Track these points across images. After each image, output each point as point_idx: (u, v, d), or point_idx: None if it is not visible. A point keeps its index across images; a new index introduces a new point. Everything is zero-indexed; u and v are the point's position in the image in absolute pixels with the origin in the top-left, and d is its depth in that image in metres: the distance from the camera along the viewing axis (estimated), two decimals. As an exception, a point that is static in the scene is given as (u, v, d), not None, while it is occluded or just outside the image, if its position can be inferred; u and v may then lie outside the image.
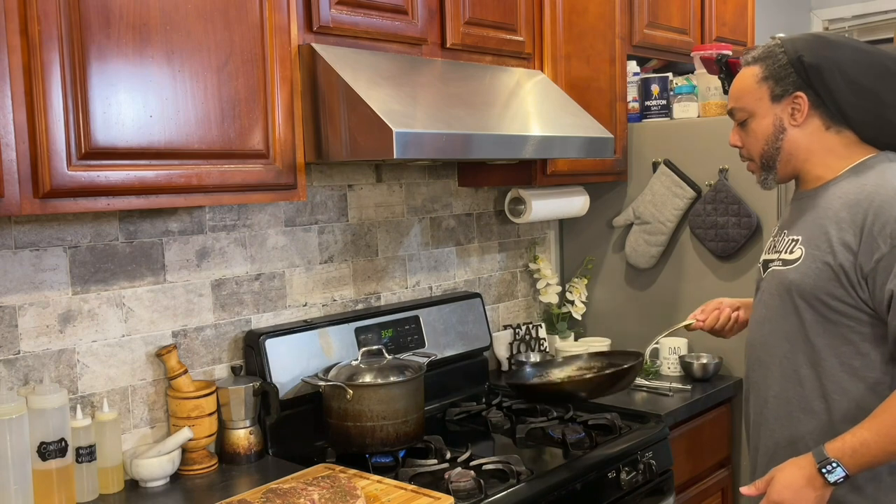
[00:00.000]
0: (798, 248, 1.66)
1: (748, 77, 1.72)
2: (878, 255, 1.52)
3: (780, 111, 1.68)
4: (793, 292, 1.64)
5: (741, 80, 1.74)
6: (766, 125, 1.70)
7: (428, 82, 2.07)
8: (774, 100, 1.68)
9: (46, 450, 1.70)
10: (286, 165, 1.81)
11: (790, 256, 1.67)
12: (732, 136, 1.78)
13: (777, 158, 1.71)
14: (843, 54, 1.63)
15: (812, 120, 1.66)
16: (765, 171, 1.74)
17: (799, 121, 1.66)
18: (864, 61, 1.63)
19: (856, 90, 1.61)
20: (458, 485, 1.81)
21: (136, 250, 1.96)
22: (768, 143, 1.70)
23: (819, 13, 4.71)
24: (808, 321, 1.63)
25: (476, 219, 2.81)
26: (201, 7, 1.64)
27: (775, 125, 1.69)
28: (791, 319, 1.66)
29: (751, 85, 1.71)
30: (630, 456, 2.12)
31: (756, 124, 1.71)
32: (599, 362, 2.36)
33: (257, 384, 2.04)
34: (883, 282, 1.51)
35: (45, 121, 1.43)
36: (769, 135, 1.70)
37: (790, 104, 1.66)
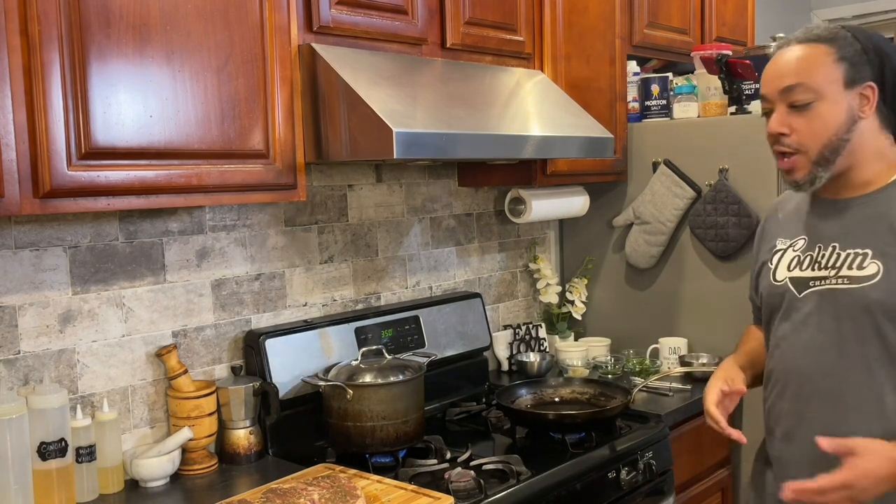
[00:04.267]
0: (871, 262, 1.48)
1: (818, 54, 1.50)
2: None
3: (851, 99, 1.49)
4: (875, 312, 1.47)
5: (807, 57, 1.51)
6: (839, 112, 1.49)
7: (428, 82, 2.07)
8: (847, 86, 1.49)
9: (46, 450, 1.70)
10: (286, 165, 1.81)
11: (861, 273, 1.49)
12: (776, 122, 1.54)
13: (841, 152, 1.51)
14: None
15: (873, 117, 1.51)
16: (819, 167, 1.52)
17: (867, 114, 1.50)
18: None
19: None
20: (458, 485, 1.81)
21: (136, 250, 1.96)
22: (838, 133, 1.50)
23: (819, 13, 4.71)
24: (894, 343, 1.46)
25: (476, 219, 2.81)
26: (201, 7, 1.64)
27: (849, 113, 1.50)
28: (871, 344, 1.48)
29: (827, 64, 1.49)
30: (630, 456, 2.12)
31: (826, 109, 1.50)
32: (592, 389, 2.39)
33: (257, 384, 2.04)
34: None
35: (45, 121, 1.43)
36: (840, 123, 1.50)
37: (859, 94, 1.49)
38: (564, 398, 2.39)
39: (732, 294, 2.62)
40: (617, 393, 2.32)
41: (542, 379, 2.51)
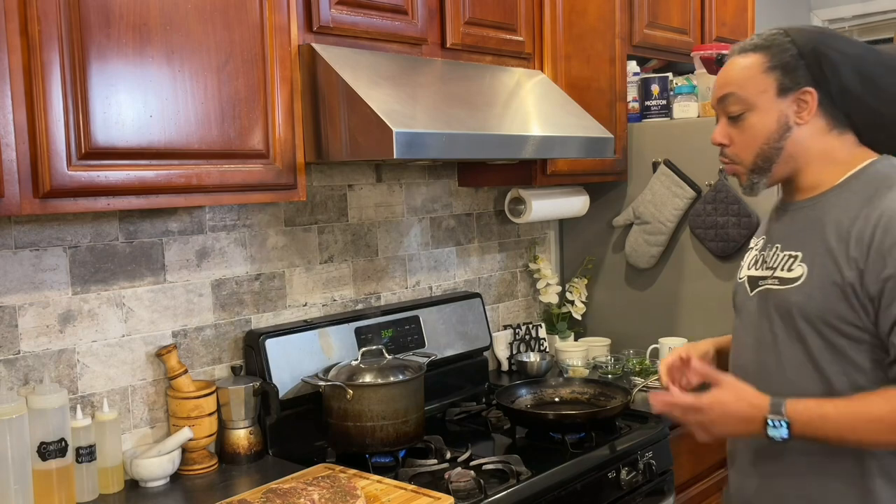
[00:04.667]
0: (798, 265, 1.50)
1: (750, 65, 1.52)
2: (886, 274, 1.38)
3: (786, 107, 1.50)
4: (795, 316, 1.49)
5: (738, 68, 1.54)
6: (769, 121, 1.51)
7: (428, 82, 2.07)
8: (781, 93, 1.50)
9: (46, 450, 1.70)
10: (286, 165, 1.81)
11: (789, 275, 1.51)
12: (718, 133, 1.58)
13: (775, 160, 1.53)
14: (857, 50, 1.49)
15: (817, 120, 1.50)
16: (756, 175, 1.56)
17: (805, 119, 1.50)
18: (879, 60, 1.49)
19: (871, 89, 1.47)
20: (458, 485, 1.81)
21: (136, 250, 1.96)
22: (769, 141, 1.52)
23: (819, 13, 4.71)
24: (814, 348, 1.47)
25: (476, 219, 2.81)
26: (201, 7, 1.64)
27: (780, 122, 1.51)
28: (795, 346, 1.50)
29: (754, 74, 1.51)
30: (630, 456, 2.12)
31: (756, 119, 1.52)
32: (592, 389, 2.39)
33: (257, 384, 2.04)
34: (889, 303, 1.38)
35: (45, 121, 1.43)
36: (771, 132, 1.52)
37: (796, 100, 1.50)
38: (564, 398, 2.39)
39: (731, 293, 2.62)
40: (617, 393, 2.32)
41: (542, 379, 2.51)
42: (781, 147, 1.52)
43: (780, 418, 1.43)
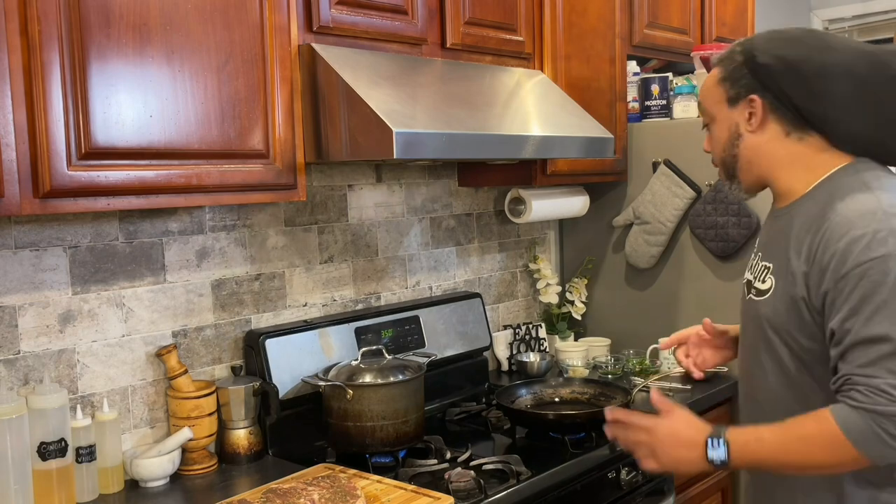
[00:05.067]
0: (769, 277, 1.53)
1: (710, 79, 1.60)
2: (823, 289, 1.40)
3: (737, 115, 1.54)
4: (766, 328, 1.52)
5: (704, 83, 1.63)
6: (722, 131, 1.58)
7: (428, 82, 2.07)
8: (730, 103, 1.55)
9: (46, 450, 1.70)
10: (286, 165, 1.81)
11: (763, 286, 1.54)
12: (705, 142, 1.67)
13: (736, 166, 1.58)
14: (801, 52, 1.47)
15: (770, 125, 1.51)
16: (728, 181, 1.62)
17: (755, 126, 1.52)
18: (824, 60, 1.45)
19: (817, 92, 1.46)
20: (458, 485, 1.81)
21: (136, 250, 1.96)
22: (725, 150, 1.59)
23: (819, 13, 4.71)
24: (786, 361, 1.50)
25: (476, 219, 2.81)
26: (201, 7, 1.64)
27: (730, 130, 1.56)
28: (771, 358, 1.53)
29: (711, 87, 1.59)
30: (630, 456, 2.11)
31: (716, 129, 1.60)
32: (592, 389, 2.39)
33: (257, 384, 2.04)
34: (827, 316, 1.40)
35: (45, 121, 1.43)
36: (724, 142, 1.58)
37: (746, 108, 1.53)
38: (564, 398, 2.39)
39: (732, 294, 2.61)
40: (617, 393, 2.32)
41: (542, 379, 2.51)
42: (736, 154, 1.57)
43: (720, 439, 1.45)
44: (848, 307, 1.36)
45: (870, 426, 1.32)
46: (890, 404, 1.31)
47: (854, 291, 1.35)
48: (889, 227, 1.35)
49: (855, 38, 4.77)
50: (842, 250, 1.37)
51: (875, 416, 1.31)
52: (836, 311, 1.37)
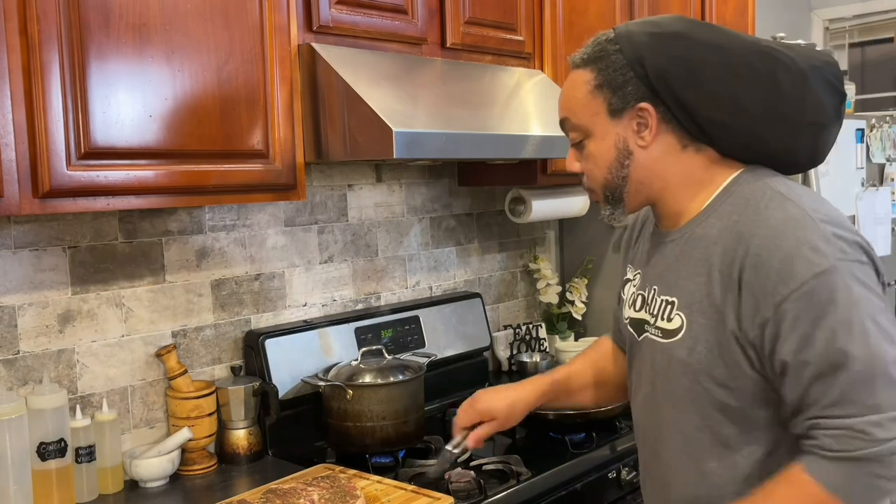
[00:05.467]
0: (676, 314, 1.29)
1: (578, 84, 1.32)
2: (761, 318, 1.18)
3: (623, 129, 1.29)
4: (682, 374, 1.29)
5: (569, 89, 1.34)
6: (607, 148, 1.31)
7: (428, 82, 2.07)
8: (613, 115, 1.29)
9: (46, 450, 1.69)
10: (286, 165, 1.81)
11: (669, 326, 1.30)
12: (568, 161, 1.40)
13: (625, 190, 1.33)
14: (695, 52, 1.25)
15: (664, 137, 1.29)
16: (611, 206, 1.36)
17: (648, 140, 1.29)
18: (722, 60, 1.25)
19: (713, 98, 1.25)
20: (458, 485, 1.81)
21: (136, 250, 1.95)
22: (611, 170, 1.32)
23: (819, 13, 4.71)
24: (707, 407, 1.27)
25: (476, 219, 2.81)
26: (201, 7, 1.64)
27: (618, 148, 1.31)
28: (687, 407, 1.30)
29: (583, 95, 1.31)
30: (630, 456, 2.12)
31: (595, 147, 1.33)
32: None
33: (257, 384, 2.04)
34: (772, 349, 1.18)
35: (44, 121, 1.42)
36: (611, 161, 1.32)
37: (634, 119, 1.28)
38: None
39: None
40: None
41: None
42: (626, 175, 1.32)
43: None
44: (797, 336, 1.15)
45: (856, 477, 1.12)
46: (873, 444, 1.11)
47: (801, 317, 1.14)
48: (822, 235, 1.16)
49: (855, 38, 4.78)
50: (777, 269, 1.16)
51: (858, 462, 1.12)
52: (784, 340, 1.16)
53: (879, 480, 1.12)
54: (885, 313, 1.16)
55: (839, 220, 1.21)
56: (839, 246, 1.16)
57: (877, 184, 3.31)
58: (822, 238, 1.16)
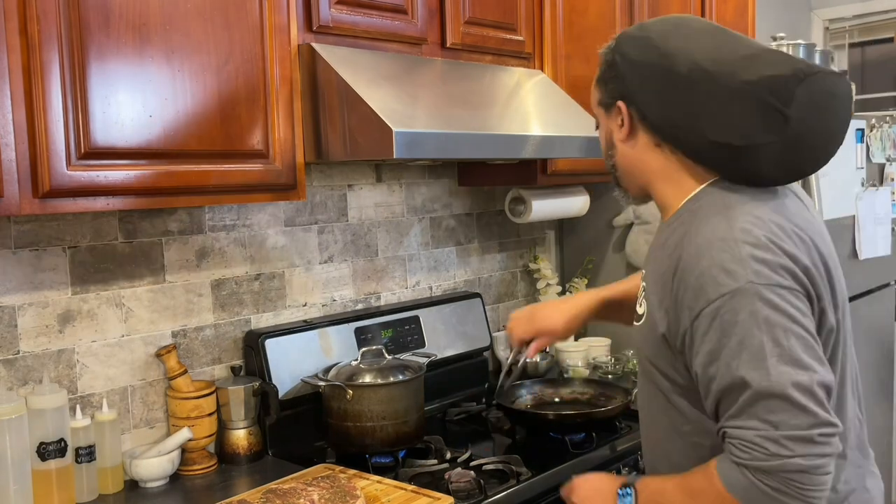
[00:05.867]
0: (643, 300, 1.39)
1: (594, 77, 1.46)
2: (682, 329, 1.26)
3: (610, 122, 1.41)
4: (640, 356, 1.41)
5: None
6: (602, 137, 1.46)
7: (428, 82, 2.07)
8: (605, 108, 1.42)
9: (46, 450, 1.69)
10: (286, 165, 1.81)
11: (640, 310, 1.41)
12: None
13: (616, 175, 1.47)
14: (645, 59, 1.32)
15: (640, 134, 1.37)
16: (618, 187, 1.50)
17: (624, 135, 1.39)
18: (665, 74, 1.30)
19: (664, 101, 1.31)
20: (458, 485, 1.81)
21: (136, 250, 1.95)
22: (605, 157, 1.47)
23: (819, 13, 4.71)
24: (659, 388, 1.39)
25: (476, 219, 2.81)
26: (201, 7, 1.64)
27: (606, 138, 1.44)
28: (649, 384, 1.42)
29: (592, 88, 1.46)
30: (630, 456, 2.12)
31: (599, 133, 1.48)
32: (592, 389, 2.38)
33: (257, 384, 2.04)
34: (690, 360, 1.27)
35: (44, 120, 1.42)
36: (604, 148, 1.47)
37: (617, 114, 1.39)
38: (564, 398, 2.39)
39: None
40: (617, 393, 2.31)
41: (543, 379, 2.51)
42: (614, 163, 1.45)
43: (629, 488, 1.38)
44: (706, 351, 1.22)
45: (753, 483, 1.19)
46: (767, 458, 1.17)
47: (708, 334, 1.21)
48: (737, 257, 1.20)
49: (855, 38, 4.77)
50: (693, 286, 1.23)
51: (756, 472, 1.18)
52: (696, 353, 1.24)
53: (773, 492, 1.18)
54: (793, 335, 1.19)
55: (769, 244, 1.22)
56: (754, 268, 1.19)
57: (877, 184, 3.30)
58: (736, 260, 1.20)
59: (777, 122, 1.26)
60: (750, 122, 1.27)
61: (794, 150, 1.28)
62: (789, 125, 1.26)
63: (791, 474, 1.16)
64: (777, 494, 1.17)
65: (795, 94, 1.25)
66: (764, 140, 1.26)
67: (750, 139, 1.27)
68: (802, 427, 1.16)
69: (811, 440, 1.16)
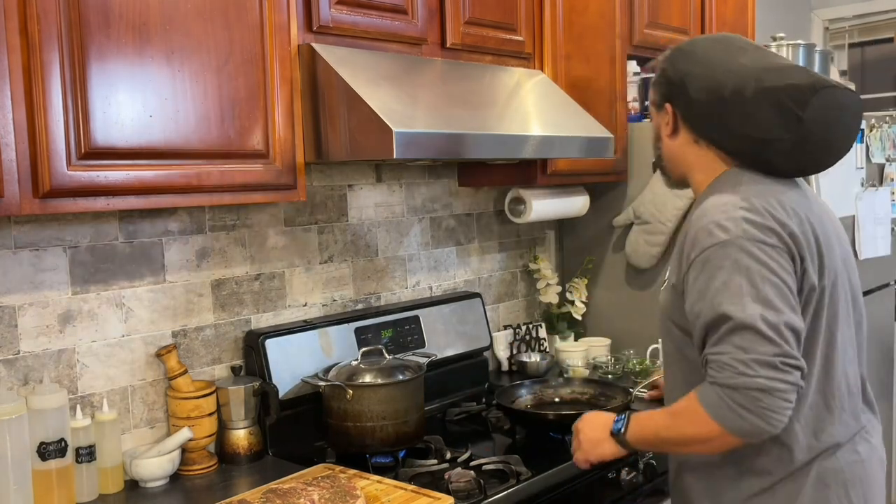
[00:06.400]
0: (669, 268, 1.66)
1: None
2: (681, 274, 1.52)
3: (660, 119, 1.69)
4: (663, 316, 1.65)
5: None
6: (653, 129, 1.74)
7: (428, 82, 2.07)
8: (657, 107, 1.70)
9: (46, 450, 1.69)
10: (286, 165, 1.81)
11: (665, 278, 1.69)
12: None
13: (661, 163, 1.74)
14: (691, 69, 1.59)
15: (683, 131, 1.64)
16: (662, 174, 1.77)
17: (668, 131, 1.66)
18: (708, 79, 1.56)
19: (700, 108, 1.58)
20: (458, 485, 1.81)
21: (136, 250, 1.96)
22: (653, 147, 1.75)
23: (819, 13, 4.71)
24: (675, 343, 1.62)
25: (476, 219, 2.81)
26: (201, 7, 1.64)
27: (655, 132, 1.72)
28: (667, 340, 1.67)
29: (650, 88, 1.75)
30: (630, 456, 2.11)
31: (651, 127, 1.76)
32: (592, 389, 2.39)
33: (257, 384, 2.04)
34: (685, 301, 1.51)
35: (44, 120, 1.43)
36: (652, 140, 1.75)
37: (665, 113, 1.66)
38: (564, 398, 2.39)
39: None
40: (617, 393, 2.32)
41: (542, 379, 2.51)
42: (659, 154, 1.72)
43: (623, 416, 1.65)
44: (696, 290, 1.46)
45: (722, 399, 1.40)
46: (735, 377, 1.39)
47: (700, 276, 1.46)
48: (731, 217, 1.45)
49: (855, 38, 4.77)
50: (692, 238, 1.49)
51: (725, 388, 1.40)
52: (688, 294, 1.49)
53: (738, 408, 1.39)
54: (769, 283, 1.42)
55: (761, 210, 1.47)
56: (744, 227, 1.45)
57: (876, 184, 3.31)
58: (730, 219, 1.46)
59: (792, 122, 1.50)
60: (770, 119, 1.51)
61: (802, 148, 1.53)
62: (802, 126, 1.50)
63: (753, 392, 1.37)
64: (741, 410, 1.39)
65: (810, 101, 1.49)
66: (778, 136, 1.52)
67: (768, 134, 1.52)
68: (767, 354, 1.37)
69: (774, 366, 1.37)
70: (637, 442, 1.62)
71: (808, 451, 1.52)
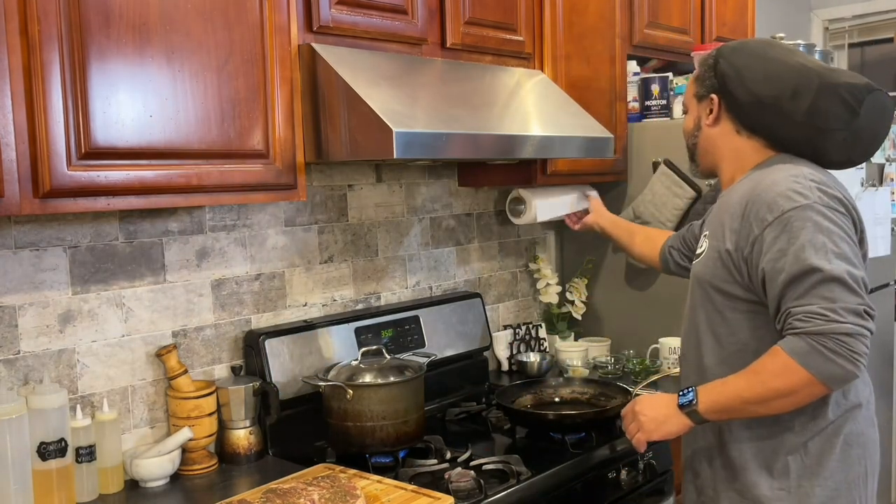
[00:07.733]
0: (704, 241, 1.77)
1: (692, 75, 1.88)
2: (752, 237, 1.61)
3: (700, 110, 1.81)
4: (699, 284, 1.74)
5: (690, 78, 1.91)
6: (690, 120, 1.86)
7: (428, 82, 2.07)
8: (698, 99, 1.82)
9: (46, 450, 1.69)
10: (286, 165, 1.81)
11: (700, 251, 1.79)
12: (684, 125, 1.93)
13: (695, 153, 1.87)
14: (749, 63, 1.72)
15: (725, 122, 1.77)
16: (692, 162, 1.90)
17: (711, 121, 1.78)
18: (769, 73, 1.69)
19: (755, 102, 1.70)
20: (458, 485, 1.81)
21: (136, 250, 1.96)
22: (688, 137, 1.87)
23: (819, 13, 4.71)
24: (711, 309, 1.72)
25: (476, 219, 2.81)
26: (201, 7, 1.64)
27: (695, 122, 1.84)
28: (701, 310, 1.75)
29: (689, 83, 1.87)
30: (630, 456, 2.12)
31: (686, 119, 1.87)
32: (592, 389, 2.39)
33: (257, 384, 2.04)
34: (757, 262, 1.60)
35: (44, 121, 1.43)
36: (690, 129, 1.86)
37: (707, 105, 1.78)
38: (564, 398, 2.39)
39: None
40: (617, 393, 2.32)
41: (542, 379, 2.51)
42: (696, 143, 1.85)
43: (689, 389, 1.68)
44: (776, 249, 1.56)
45: (812, 346, 1.50)
46: (825, 323, 1.50)
47: (781, 236, 1.56)
48: (805, 186, 1.60)
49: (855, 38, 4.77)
50: (767, 202, 1.59)
51: (815, 336, 1.50)
52: (765, 253, 1.58)
53: (828, 353, 1.49)
54: (845, 242, 1.57)
55: (829, 183, 1.64)
56: (818, 195, 1.59)
57: (876, 184, 3.30)
58: (805, 188, 1.60)
59: (851, 116, 1.66)
60: (833, 112, 1.66)
61: (854, 141, 1.69)
62: (857, 120, 1.67)
63: (842, 337, 1.49)
64: (831, 354, 1.49)
65: (865, 99, 1.66)
66: (838, 127, 1.67)
67: (830, 124, 1.67)
68: (853, 303, 1.51)
69: (859, 313, 1.51)
70: (711, 411, 1.64)
71: (836, 409, 1.64)
